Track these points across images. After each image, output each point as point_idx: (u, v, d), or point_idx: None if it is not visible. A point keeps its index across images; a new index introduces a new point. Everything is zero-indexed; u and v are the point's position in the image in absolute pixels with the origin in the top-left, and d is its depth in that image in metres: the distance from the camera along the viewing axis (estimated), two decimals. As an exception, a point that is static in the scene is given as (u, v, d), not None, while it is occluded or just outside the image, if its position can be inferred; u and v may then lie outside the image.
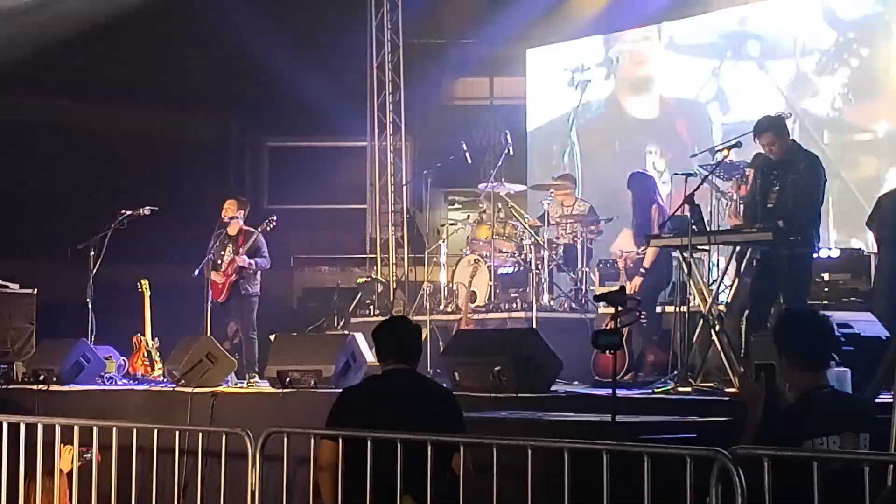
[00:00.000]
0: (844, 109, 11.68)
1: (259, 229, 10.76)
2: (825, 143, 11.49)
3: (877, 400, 6.18)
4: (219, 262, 10.69)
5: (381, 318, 11.31)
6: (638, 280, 9.59)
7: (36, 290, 11.78)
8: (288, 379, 8.72)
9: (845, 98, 11.72)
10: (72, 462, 6.41)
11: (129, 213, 11.20)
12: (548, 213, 11.17)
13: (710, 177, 9.07)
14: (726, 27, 12.74)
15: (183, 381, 9.29)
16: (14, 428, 6.18)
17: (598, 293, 10.16)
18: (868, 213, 8.91)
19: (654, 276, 9.61)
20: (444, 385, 5.36)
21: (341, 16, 14.99)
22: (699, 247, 8.26)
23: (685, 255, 8.11)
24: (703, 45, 12.91)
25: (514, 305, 10.89)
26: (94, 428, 5.89)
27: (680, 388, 7.78)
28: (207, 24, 14.34)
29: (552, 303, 10.93)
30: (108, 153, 14.55)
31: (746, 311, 8.29)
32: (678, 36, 13.19)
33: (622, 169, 12.07)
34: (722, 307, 8.33)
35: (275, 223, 10.78)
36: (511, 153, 12.09)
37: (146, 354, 11.20)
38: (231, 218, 10.75)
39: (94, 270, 10.98)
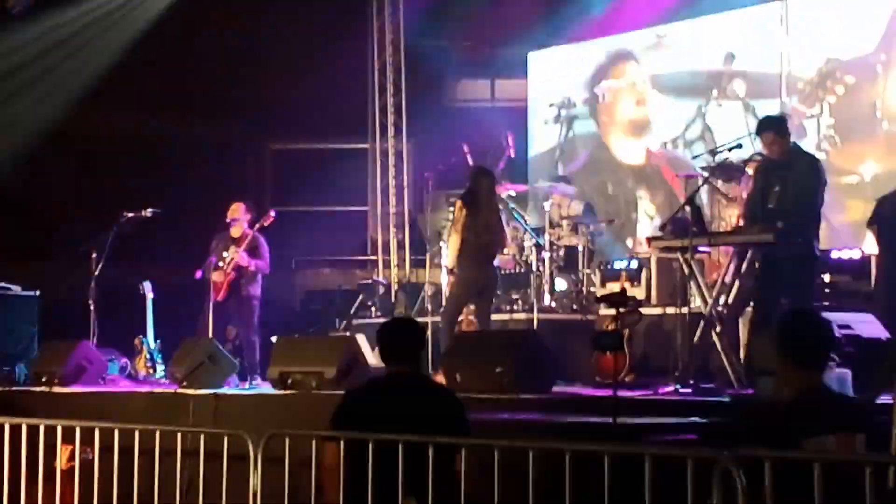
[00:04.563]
0: (831, 152, 11.63)
1: (257, 225, 10.76)
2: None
3: (877, 401, 6.20)
4: (220, 263, 10.70)
5: (382, 320, 11.35)
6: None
7: (39, 292, 11.80)
8: (290, 380, 8.73)
9: (831, 140, 11.68)
10: (68, 460, 6.42)
11: (131, 215, 11.22)
12: (549, 215, 11.20)
13: (710, 179, 9.08)
14: (712, 66, 12.71)
15: (185, 383, 9.31)
16: (16, 429, 6.20)
17: (599, 295, 10.18)
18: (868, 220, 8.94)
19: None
20: (448, 386, 5.38)
21: (343, 18, 15.00)
22: (700, 248, 8.28)
23: (686, 256, 8.13)
24: (688, 83, 12.90)
25: (516, 307, 10.90)
26: (96, 429, 5.90)
27: (681, 390, 7.80)
28: (210, 27, 14.36)
29: (553, 304, 10.94)
30: (111, 155, 14.57)
31: (747, 313, 8.32)
32: (664, 75, 13.20)
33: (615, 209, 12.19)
34: (723, 308, 8.35)
35: (272, 218, 10.77)
36: (512, 155, 12.11)
37: (148, 356, 11.21)
38: (234, 220, 10.76)
39: (97, 272, 11.00)
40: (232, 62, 14.85)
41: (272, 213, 10.81)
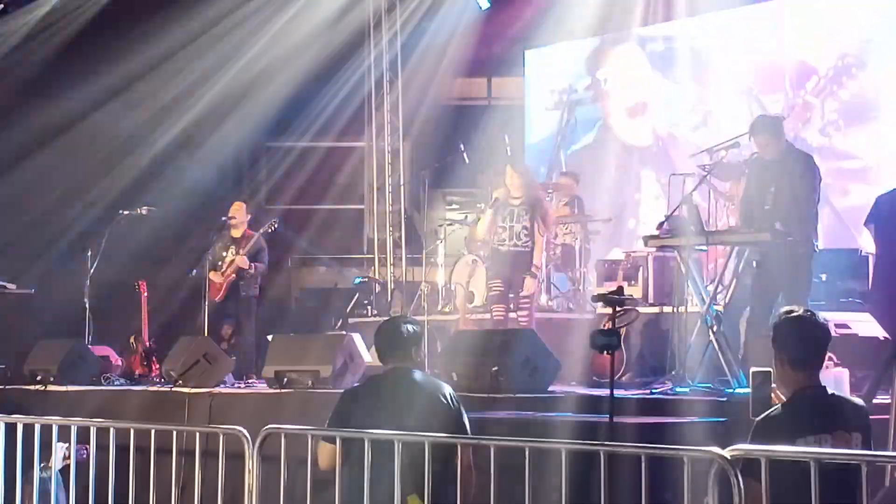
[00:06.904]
0: (835, 136, 11.62)
1: (261, 231, 10.77)
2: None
3: (874, 401, 6.20)
4: (219, 262, 10.70)
5: (378, 319, 11.34)
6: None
7: (34, 290, 11.78)
8: (285, 379, 8.71)
9: (836, 125, 11.67)
10: (64, 458, 6.41)
11: (126, 213, 11.20)
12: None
13: (707, 177, 9.07)
14: (715, 51, 12.69)
15: (180, 382, 9.30)
16: (11, 428, 6.18)
17: (596, 293, 10.16)
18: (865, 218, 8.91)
19: None
20: (446, 383, 5.37)
21: (340, 16, 14.97)
22: (697, 247, 8.27)
23: (683, 255, 8.12)
24: (689, 68, 12.87)
25: (512, 306, 10.87)
26: (92, 428, 5.88)
27: (678, 389, 7.79)
28: (206, 24, 14.32)
29: (550, 303, 10.92)
30: (106, 153, 14.54)
31: (745, 312, 8.30)
32: (665, 59, 13.17)
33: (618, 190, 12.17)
34: (720, 308, 8.33)
35: (276, 225, 10.81)
36: (509, 153, 12.08)
37: (143, 355, 11.19)
38: (237, 220, 10.77)
39: (92, 271, 10.98)
40: (229, 61, 14.82)
41: (276, 221, 10.86)
